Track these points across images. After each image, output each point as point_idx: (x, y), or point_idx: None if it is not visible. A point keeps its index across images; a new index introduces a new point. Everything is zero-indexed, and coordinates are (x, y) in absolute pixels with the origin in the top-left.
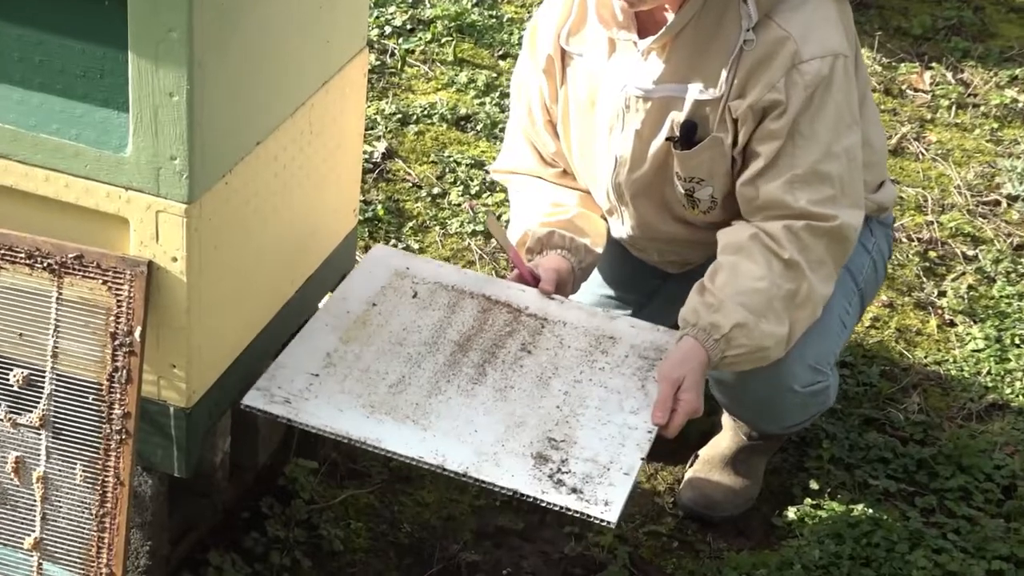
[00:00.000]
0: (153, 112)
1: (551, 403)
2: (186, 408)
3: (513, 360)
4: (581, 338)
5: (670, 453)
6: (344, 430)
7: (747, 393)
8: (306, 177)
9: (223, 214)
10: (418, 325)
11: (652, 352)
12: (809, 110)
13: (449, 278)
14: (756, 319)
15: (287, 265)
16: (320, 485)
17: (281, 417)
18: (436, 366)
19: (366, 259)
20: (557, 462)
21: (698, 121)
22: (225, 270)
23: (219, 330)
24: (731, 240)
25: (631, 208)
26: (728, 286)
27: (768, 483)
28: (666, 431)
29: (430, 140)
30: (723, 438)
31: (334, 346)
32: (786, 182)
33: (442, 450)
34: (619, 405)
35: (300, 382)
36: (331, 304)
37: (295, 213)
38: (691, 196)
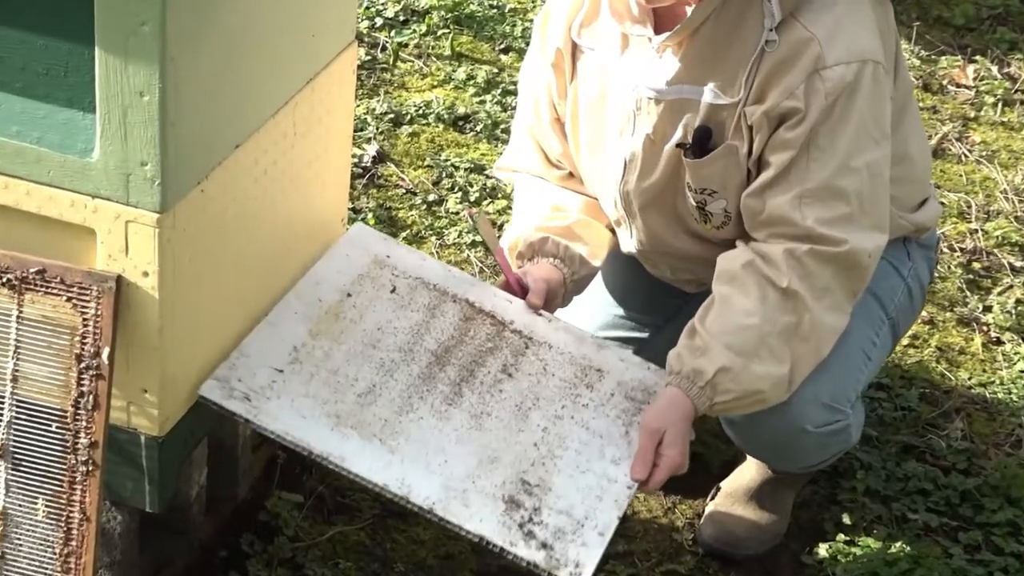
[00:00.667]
0: (122, 113)
1: (528, 439)
2: (159, 437)
3: (492, 383)
4: (566, 366)
5: (689, 485)
6: (305, 441)
7: (758, 434)
8: (290, 183)
9: (199, 224)
10: (394, 326)
11: (640, 393)
12: (829, 120)
13: (432, 275)
14: (745, 361)
15: (269, 279)
16: (305, 520)
17: (239, 415)
18: (410, 378)
19: (344, 239)
20: (529, 510)
21: (713, 127)
22: (201, 285)
23: (195, 351)
24: (725, 267)
25: (640, 220)
26: (716, 324)
27: (797, 518)
28: (646, 488)
29: (425, 142)
30: (747, 469)
31: (302, 339)
32: (795, 197)
33: (409, 479)
34: (600, 451)
35: (263, 377)
36: (303, 288)
37: (278, 222)
38: (703, 209)
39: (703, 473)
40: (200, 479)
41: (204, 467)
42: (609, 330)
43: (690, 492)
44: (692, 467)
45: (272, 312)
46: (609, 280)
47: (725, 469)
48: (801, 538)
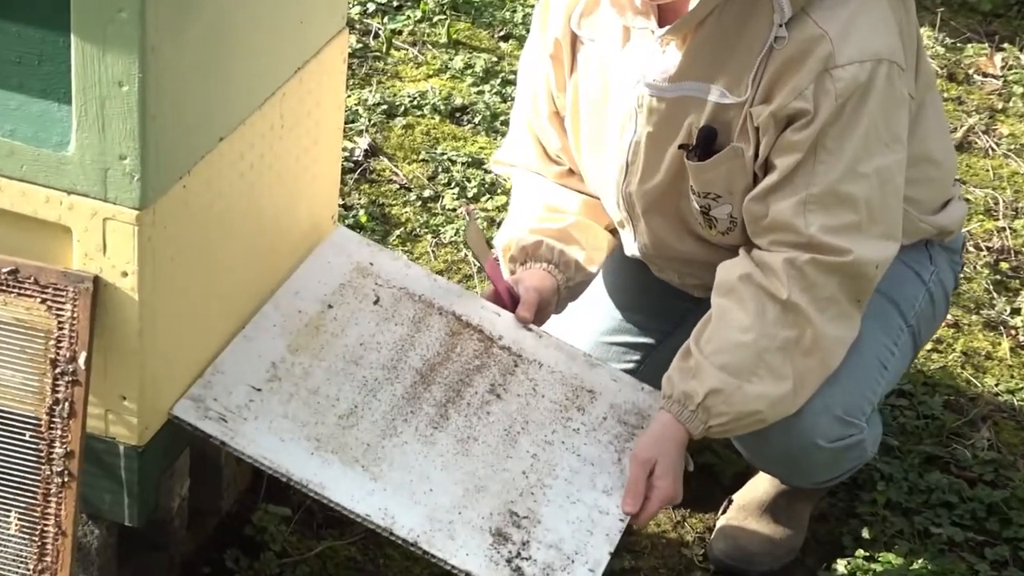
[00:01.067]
0: (100, 104)
1: (517, 467)
2: (138, 446)
3: (480, 404)
4: (557, 387)
5: (700, 498)
6: (284, 467)
7: (766, 449)
8: (277, 178)
9: (181, 221)
10: (377, 341)
11: (633, 417)
12: (839, 122)
13: (417, 285)
14: (738, 382)
15: (256, 280)
16: (293, 535)
17: (214, 438)
18: (393, 399)
19: (325, 245)
20: (518, 543)
21: (719, 128)
22: (183, 286)
23: (176, 355)
24: (723, 278)
25: (643, 223)
26: (711, 343)
27: (813, 532)
28: (637, 521)
29: (420, 135)
30: (761, 481)
31: (281, 355)
32: (799, 202)
33: (392, 510)
34: (591, 480)
35: (240, 396)
36: (282, 298)
37: (264, 220)
38: (707, 214)
39: (714, 485)
40: (182, 491)
41: (186, 478)
42: (614, 335)
43: (700, 505)
44: (703, 479)
45: (249, 325)
46: (615, 282)
47: (737, 481)
48: (818, 553)
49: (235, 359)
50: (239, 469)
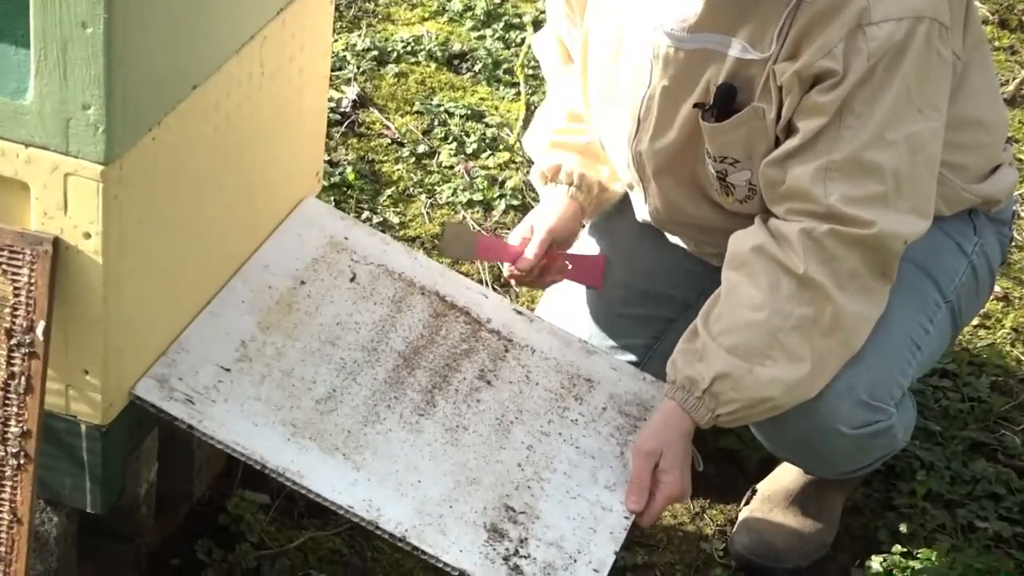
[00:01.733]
0: (61, 48)
1: (512, 458)
2: (102, 425)
3: (469, 391)
4: (552, 374)
5: (721, 487)
6: (259, 453)
7: (784, 435)
8: (256, 131)
9: (150, 178)
10: (355, 321)
11: (635, 408)
12: (869, 84)
13: (397, 262)
14: (749, 365)
15: (231, 243)
16: (272, 525)
17: (180, 420)
18: (375, 383)
19: (295, 217)
20: (515, 541)
21: (739, 85)
22: (152, 249)
23: (144, 326)
24: (735, 250)
25: (654, 185)
26: (719, 322)
27: (846, 525)
28: (642, 520)
29: (414, 84)
30: (788, 469)
31: (250, 333)
32: (819, 169)
33: (377, 501)
34: (592, 475)
35: (207, 376)
36: (250, 273)
37: (241, 177)
38: (724, 180)
39: (737, 473)
40: (149, 475)
41: (154, 462)
42: (630, 307)
43: (721, 495)
44: (725, 467)
45: (215, 300)
46: (630, 249)
47: (763, 468)
48: (851, 549)
49: (201, 336)
50: (212, 452)
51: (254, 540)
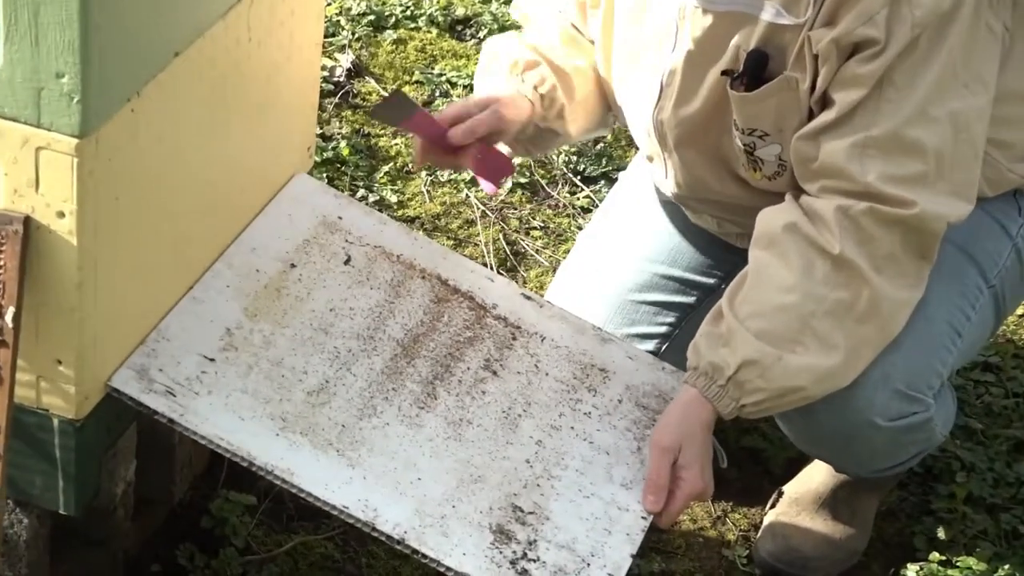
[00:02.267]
0: (33, 11)
1: (520, 455)
2: (76, 420)
3: (473, 382)
4: (563, 364)
5: (745, 489)
6: (245, 449)
7: (813, 428)
8: (243, 102)
9: (128, 153)
10: (350, 307)
11: (653, 400)
12: (912, 56)
13: (395, 244)
14: (778, 352)
15: (216, 223)
16: (259, 528)
17: (161, 414)
18: (371, 374)
19: (285, 196)
20: (523, 543)
21: (771, 52)
22: (130, 230)
23: (122, 312)
24: (765, 228)
25: (676, 157)
26: (747, 304)
27: (880, 531)
28: (660, 520)
29: (414, 51)
30: (817, 469)
31: (236, 320)
32: (855, 145)
33: (374, 501)
34: (607, 472)
35: (189, 366)
36: (235, 255)
37: (227, 152)
38: (752, 155)
39: (762, 474)
40: (127, 475)
41: (132, 460)
42: (647, 292)
43: (745, 498)
44: (749, 467)
45: (198, 285)
46: (646, 227)
47: (790, 469)
48: (885, 556)
49: (183, 324)
50: (195, 449)
51: (240, 544)
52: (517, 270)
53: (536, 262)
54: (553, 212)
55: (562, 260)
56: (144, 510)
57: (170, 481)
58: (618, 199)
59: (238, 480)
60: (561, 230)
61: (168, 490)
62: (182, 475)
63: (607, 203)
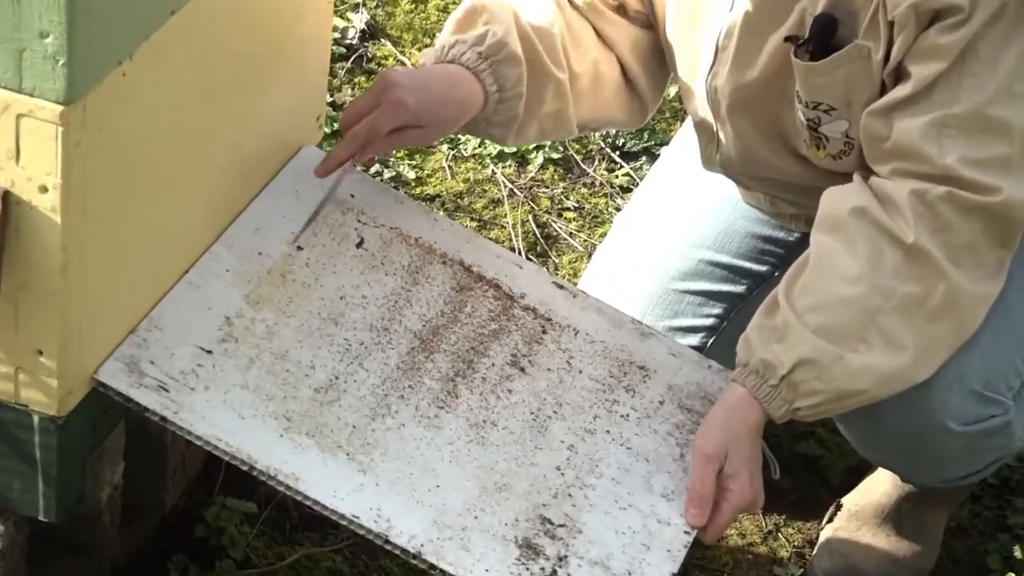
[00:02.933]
0: None
1: (549, 461)
2: (58, 417)
3: (499, 380)
4: (599, 361)
5: (799, 502)
6: (245, 452)
7: (879, 431)
8: (246, 67)
9: (119, 122)
10: (363, 295)
11: (698, 403)
12: (999, 25)
13: (413, 225)
14: (839, 350)
15: (215, 201)
16: (260, 539)
17: (152, 412)
18: (386, 369)
19: (291, 170)
20: (552, 559)
21: (841, 18)
22: (120, 207)
23: (110, 298)
24: (830, 210)
25: (728, 127)
26: (806, 295)
27: (949, 549)
28: (705, 535)
29: (434, 11)
30: (880, 479)
31: (236, 308)
32: (933, 124)
33: (388, 511)
34: (646, 481)
35: (184, 359)
36: (236, 237)
37: (229, 122)
38: (816, 131)
39: (819, 484)
40: (114, 478)
41: (120, 461)
42: (692, 280)
43: (799, 511)
44: (804, 477)
45: (194, 269)
46: (691, 207)
47: (849, 479)
48: None
49: (178, 312)
50: (189, 451)
51: (238, 557)
52: (548, 255)
53: (569, 247)
54: (589, 191)
55: (598, 245)
56: (132, 517)
57: (161, 485)
58: (661, 177)
59: (237, 485)
60: (597, 211)
61: (159, 495)
62: (175, 479)
63: (648, 181)
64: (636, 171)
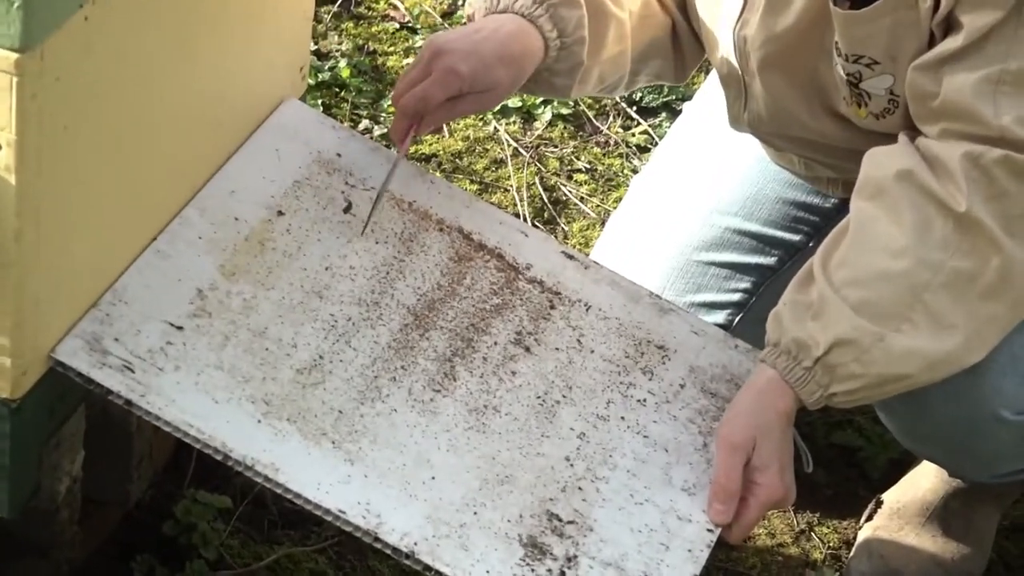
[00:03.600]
0: None
1: (558, 451)
2: (12, 399)
3: (501, 360)
4: (613, 340)
5: (834, 498)
6: (219, 439)
7: (926, 420)
8: (221, 10)
9: (80, 72)
10: (350, 266)
11: (723, 386)
12: None
13: (406, 187)
14: (880, 330)
15: (186, 160)
16: (235, 537)
17: (116, 394)
18: (376, 348)
19: (271, 127)
20: (560, 559)
21: None
22: (82, 167)
23: (70, 269)
24: (872, 173)
25: (758, 83)
26: (845, 267)
27: (1001, 551)
28: (731, 534)
29: None
30: (925, 473)
31: (210, 279)
32: (986, 80)
33: (377, 505)
34: (665, 473)
35: (152, 336)
36: (209, 200)
37: (202, 73)
38: (857, 87)
39: (857, 479)
40: (73, 468)
41: (80, 450)
42: (717, 251)
43: (835, 508)
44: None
45: (163, 236)
46: (721, 170)
47: (890, 473)
48: None
49: (145, 283)
50: (157, 439)
51: (210, 556)
52: (556, 223)
53: (580, 213)
54: (602, 151)
55: (612, 211)
56: (94, 512)
57: (126, 477)
58: (682, 135)
59: (209, 477)
60: (611, 173)
61: (123, 488)
62: (140, 470)
63: (668, 140)
64: (655, 128)
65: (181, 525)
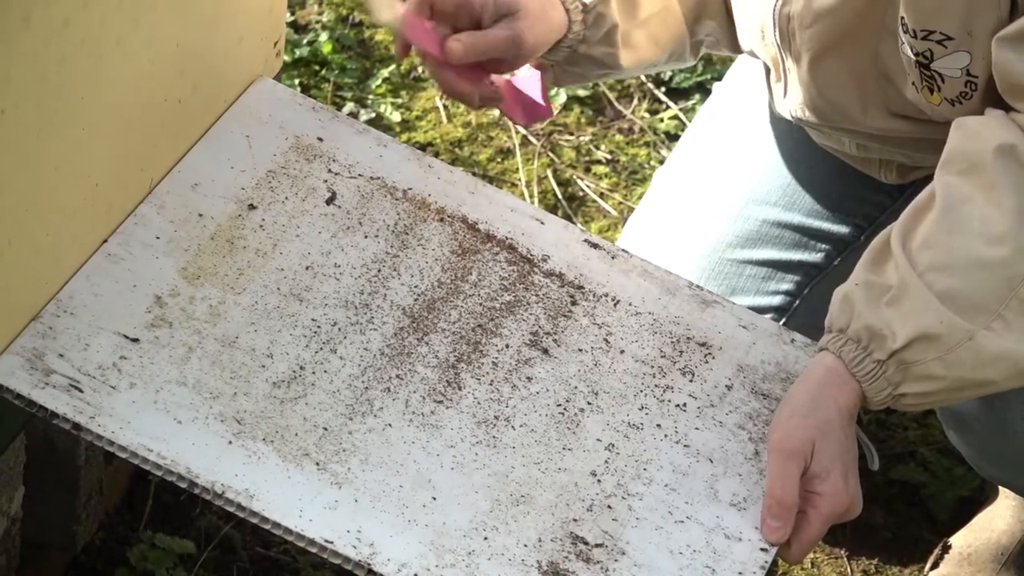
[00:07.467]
0: None
1: (583, 465)
2: None
3: (515, 365)
4: (646, 338)
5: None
6: (183, 464)
7: (1007, 440)
8: None
9: (19, 41)
10: (335, 264)
11: (777, 386)
12: None
13: (399, 173)
14: (971, 327)
15: (143, 149)
16: None
17: (62, 417)
18: (366, 356)
19: (241, 109)
20: None
21: None
22: (20, 155)
23: (6, 277)
24: (962, 146)
25: (804, 70)
26: (930, 248)
27: None
28: (789, 554)
29: None
30: (999, 514)
31: (171, 284)
32: None
33: (370, 532)
34: (710, 487)
35: (103, 351)
36: (170, 194)
37: (161, 47)
38: (927, 68)
39: (921, 518)
40: (12, 509)
41: (19, 487)
42: (754, 247)
43: (896, 553)
44: (902, 510)
45: (115, 236)
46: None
47: (960, 512)
48: None
49: (94, 291)
50: (108, 473)
51: None
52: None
53: (600, 210)
54: (625, 139)
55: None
56: (35, 558)
57: (72, 518)
58: (711, 117)
59: (169, 517)
60: (635, 165)
61: (69, 530)
62: (89, 509)
63: (697, 123)
64: (686, 112)
65: (136, 573)
